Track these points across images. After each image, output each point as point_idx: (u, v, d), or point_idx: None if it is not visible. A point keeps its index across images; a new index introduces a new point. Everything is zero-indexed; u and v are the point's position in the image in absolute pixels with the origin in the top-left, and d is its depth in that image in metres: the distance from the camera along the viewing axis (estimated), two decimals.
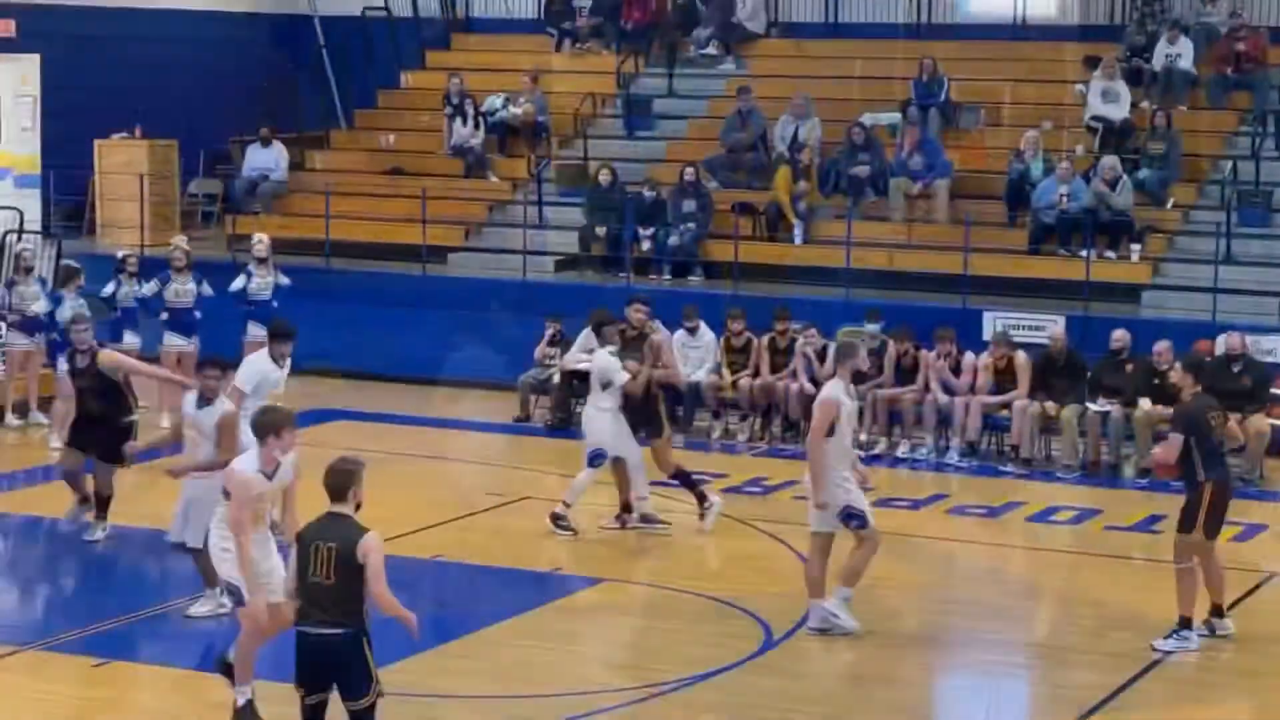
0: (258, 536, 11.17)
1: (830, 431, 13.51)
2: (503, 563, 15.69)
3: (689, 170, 24.85)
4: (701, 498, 16.98)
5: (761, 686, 12.65)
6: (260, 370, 15.35)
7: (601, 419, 16.70)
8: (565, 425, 21.36)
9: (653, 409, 17.00)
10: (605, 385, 16.70)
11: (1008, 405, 20.18)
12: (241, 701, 11.20)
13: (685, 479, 17.11)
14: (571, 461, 17.46)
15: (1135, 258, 23.05)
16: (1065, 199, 23.20)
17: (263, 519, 11.27)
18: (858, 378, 14.52)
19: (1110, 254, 23.07)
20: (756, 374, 21.23)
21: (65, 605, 14.93)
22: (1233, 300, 21.76)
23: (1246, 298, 21.99)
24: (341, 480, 9.75)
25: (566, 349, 21.22)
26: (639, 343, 17.31)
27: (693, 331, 21.46)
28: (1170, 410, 15.54)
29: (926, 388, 20.50)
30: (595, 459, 16.66)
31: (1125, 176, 23.26)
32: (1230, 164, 24.04)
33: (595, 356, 17.11)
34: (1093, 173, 23.43)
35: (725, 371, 21.37)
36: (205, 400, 13.54)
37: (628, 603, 14.68)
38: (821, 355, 20.80)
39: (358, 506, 9.78)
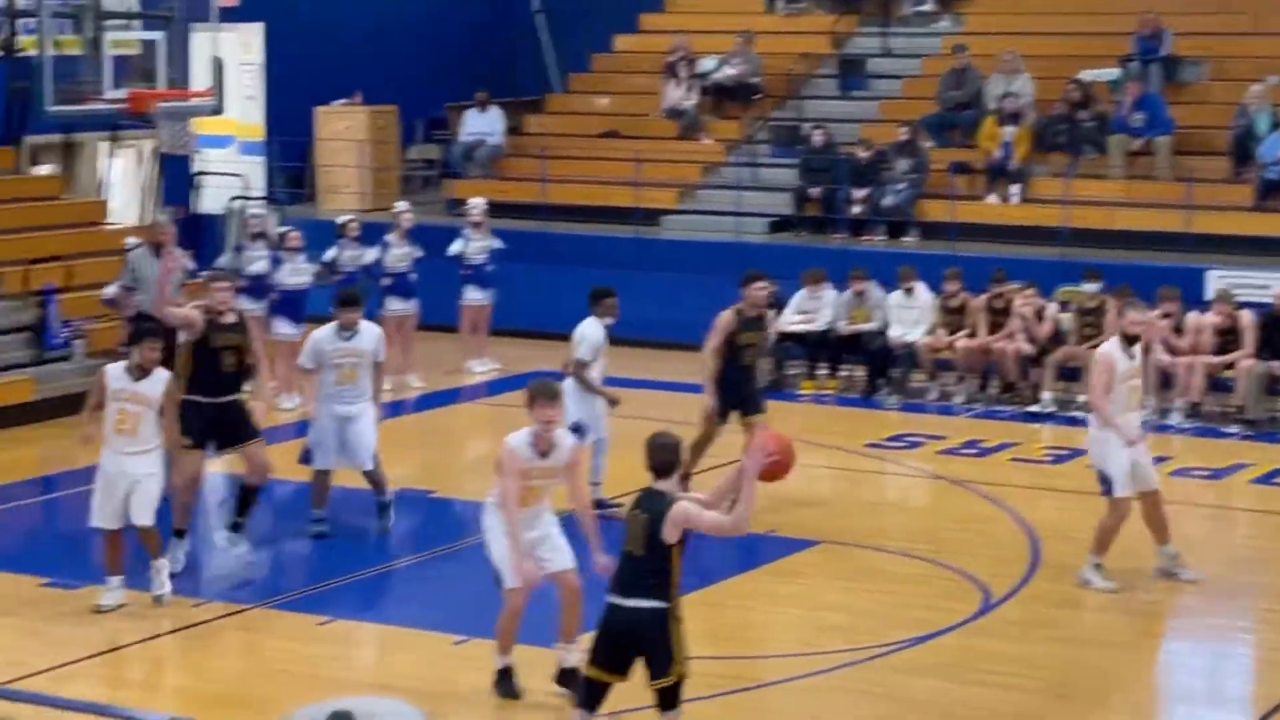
0: (527, 512, 11.15)
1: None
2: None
3: (904, 129, 24.64)
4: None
5: (981, 649, 12.55)
6: (316, 341, 15.41)
7: None
8: (779, 387, 21.33)
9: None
10: None
11: (1231, 365, 19.79)
12: (501, 665, 11.33)
13: None
14: (781, 422, 17.41)
15: None
16: None
17: (535, 495, 11.20)
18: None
19: None
20: (973, 335, 21.02)
21: (290, 564, 15.20)
22: None
23: None
24: (667, 457, 9.71)
25: (780, 311, 21.18)
26: (759, 324, 16.59)
27: (909, 292, 21.30)
28: None
29: (1147, 349, 20.15)
30: None
31: None
32: None
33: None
34: None
35: (941, 332, 21.18)
36: (143, 372, 13.16)
37: (844, 565, 14.61)
38: (1039, 315, 20.55)
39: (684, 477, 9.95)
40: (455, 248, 22.16)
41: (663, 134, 26.95)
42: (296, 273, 20.46)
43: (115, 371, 13.15)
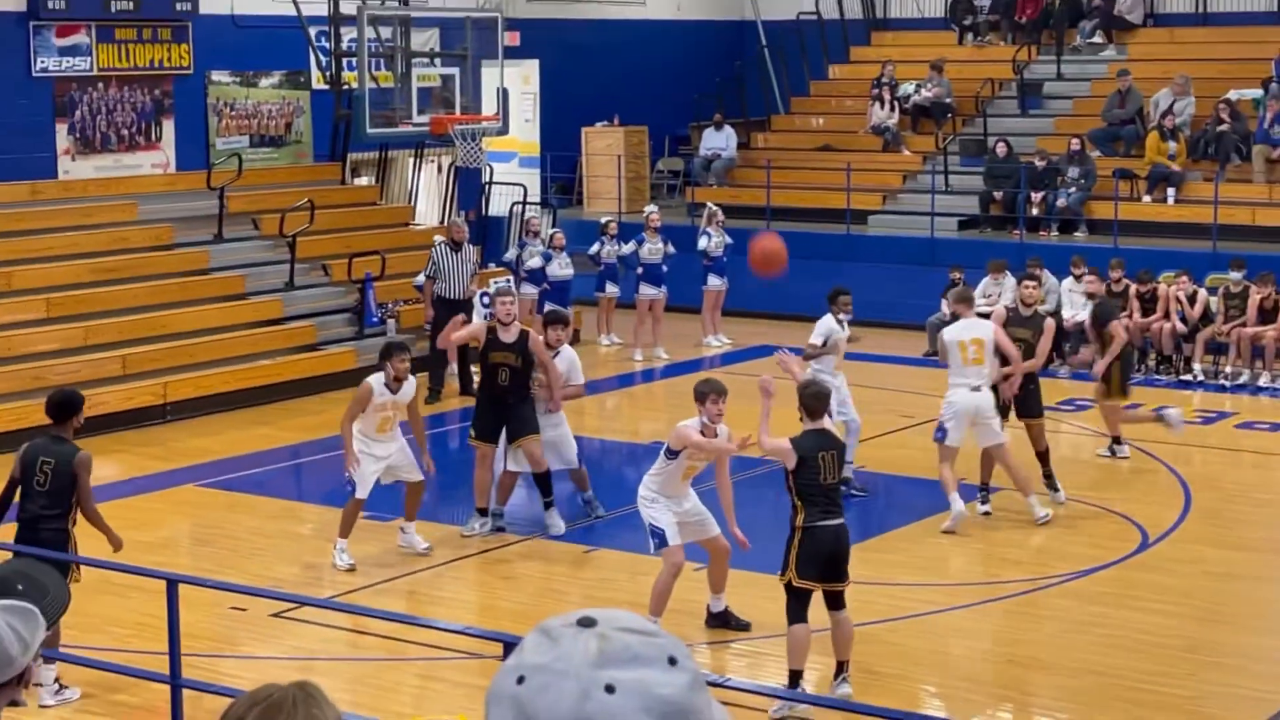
0: (685, 486, 11.16)
1: None
2: (916, 473, 15.55)
3: (1075, 141, 24.14)
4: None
5: (1139, 581, 12.27)
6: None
7: None
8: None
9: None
10: None
11: None
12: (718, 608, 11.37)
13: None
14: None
15: None
16: None
17: (692, 473, 11.22)
18: None
19: None
20: (1131, 316, 20.52)
21: (561, 503, 15.35)
22: None
23: None
24: (819, 403, 10.27)
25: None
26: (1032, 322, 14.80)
27: (1079, 278, 20.88)
28: None
29: None
30: None
31: None
32: None
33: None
34: None
35: None
36: (398, 382, 12.44)
37: (1023, 508, 14.38)
38: (1192, 299, 20.01)
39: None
40: (701, 244, 22.22)
41: (869, 147, 26.72)
42: (563, 266, 20.74)
43: (377, 385, 12.36)
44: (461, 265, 19.07)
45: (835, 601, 10.01)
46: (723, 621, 11.29)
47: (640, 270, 21.66)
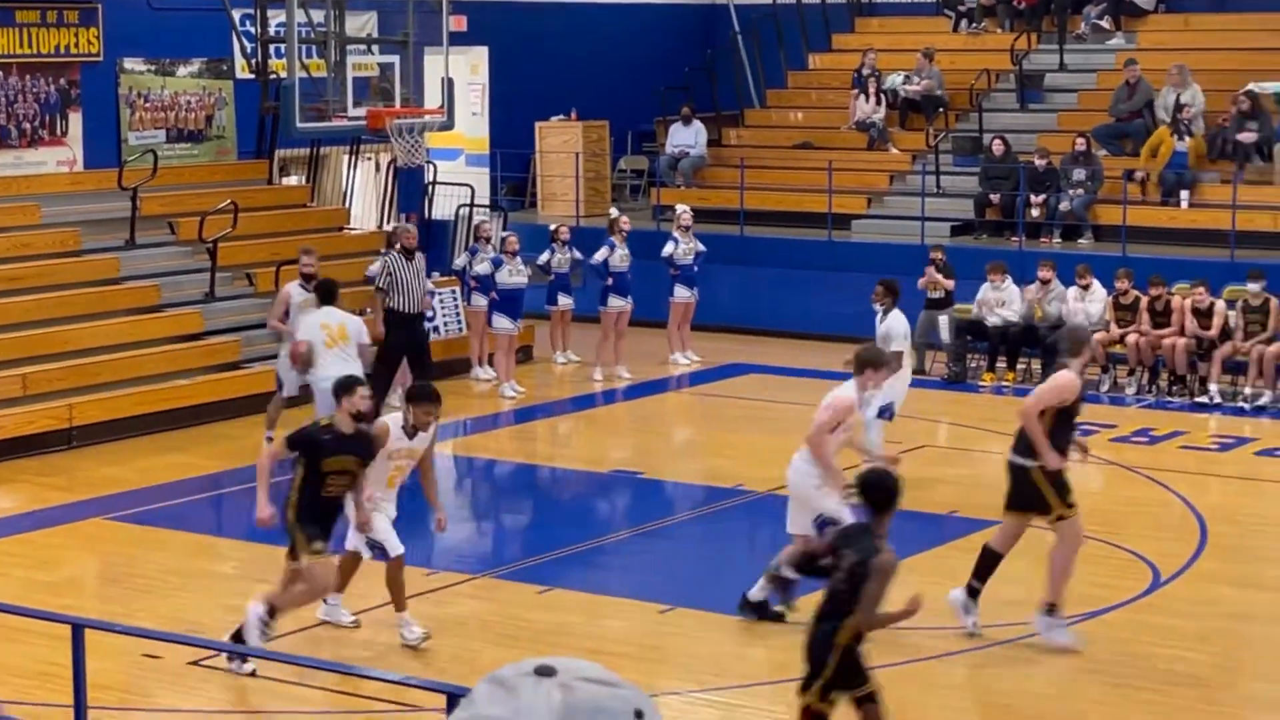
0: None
1: None
2: (903, 505, 15.54)
3: (1079, 139, 24.28)
4: None
5: (1150, 624, 12.33)
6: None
7: None
8: (959, 379, 21.13)
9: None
10: None
11: None
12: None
13: None
14: (967, 412, 17.24)
15: None
16: None
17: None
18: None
19: None
20: (1141, 331, 20.65)
21: (512, 538, 15.35)
22: None
23: None
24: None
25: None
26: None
27: (1085, 288, 21.00)
28: None
29: None
30: None
31: None
32: None
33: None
34: None
35: (1114, 327, 20.84)
36: (415, 430, 11.88)
37: (1021, 543, 14.39)
38: (1208, 312, 20.15)
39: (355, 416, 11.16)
40: (666, 250, 22.24)
41: (853, 145, 26.83)
42: (514, 273, 20.77)
43: (395, 429, 11.78)
44: (416, 276, 19.11)
45: None
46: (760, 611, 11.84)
47: (610, 280, 21.70)
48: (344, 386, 11.59)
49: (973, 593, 11.93)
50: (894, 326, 16.09)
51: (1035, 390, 12.12)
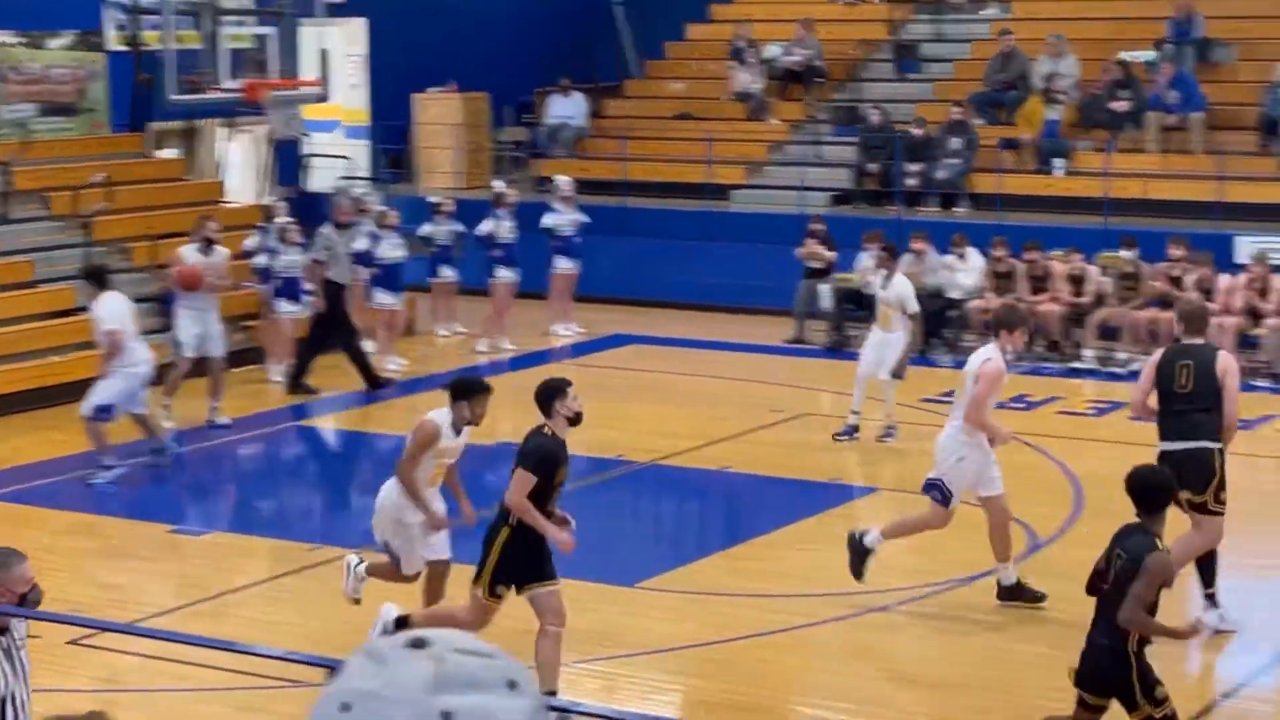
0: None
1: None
2: (786, 473, 15.69)
3: (955, 109, 24.49)
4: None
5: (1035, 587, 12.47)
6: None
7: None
8: (840, 347, 21.28)
9: None
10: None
11: (1261, 323, 19.60)
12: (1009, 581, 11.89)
13: None
14: (848, 379, 17.36)
15: None
16: None
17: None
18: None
19: None
20: (1018, 298, 20.87)
21: None
22: None
23: None
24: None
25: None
26: None
27: (961, 257, 21.21)
28: None
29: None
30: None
31: None
32: None
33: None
34: None
35: (990, 295, 21.05)
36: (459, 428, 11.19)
37: (901, 510, 14.56)
38: (1082, 279, 20.43)
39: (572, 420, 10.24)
40: (547, 221, 22.20)
41: (732, 115, 26.88)
42: (394, 247, 20.66)
43: (445, 426, 10.99)
44: (347, 247, 19.46)
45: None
46: (1015, 594, 11.84)
47: (498, 252, 21.65)
48: (557, 390, 10.51)
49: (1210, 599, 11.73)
50: (904, 289, 16.45)
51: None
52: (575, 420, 10.44)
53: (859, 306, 21.75)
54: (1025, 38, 25.44)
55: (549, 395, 10.41)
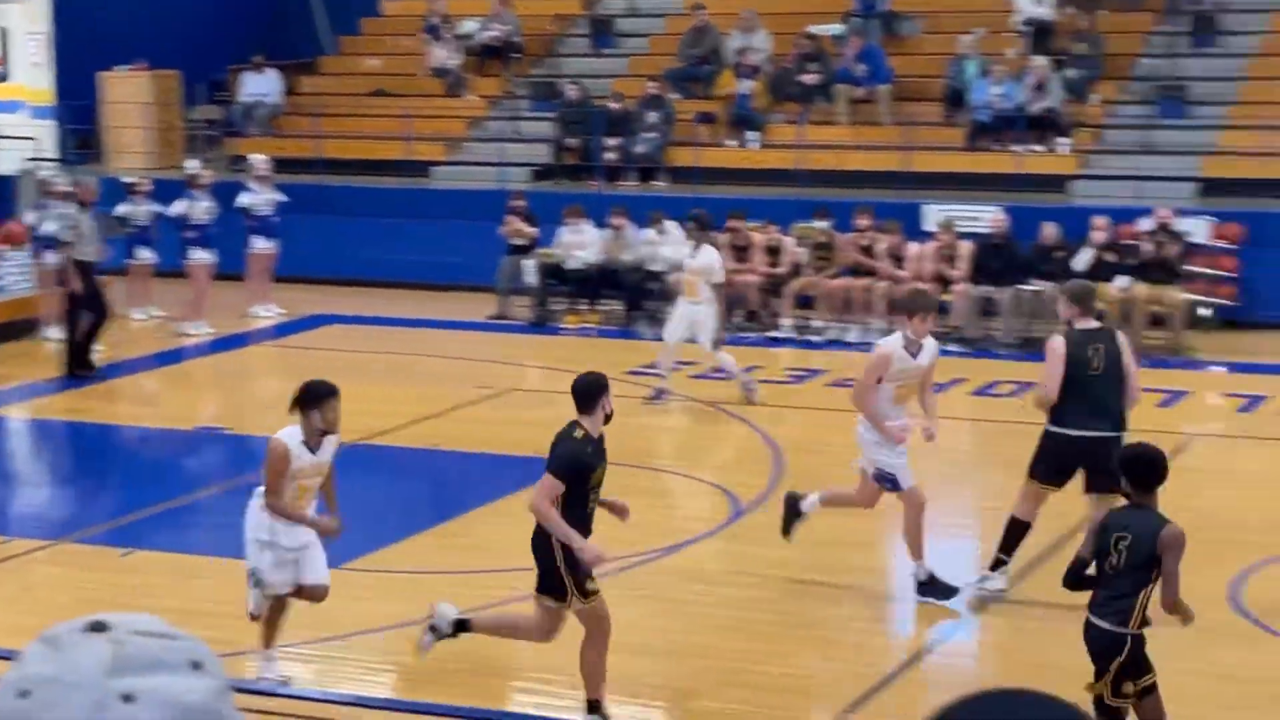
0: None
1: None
2: (492, 449, 15.69)
3: (651, 83, 24.73)
4: None
5: (733, 553, 12.69)
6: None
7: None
8: (543, 321, 21.36)
9: None
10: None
11: (950, 289, 20.21)
12: (923, 576, 11.53)
13: None
14: (552, 354, 17.45)
15: (1066, 150, 23.01)
16: (999, 99, 23.12)
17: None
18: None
19: (1040, 148, 23.02)
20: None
21: (93, 501, 14.90)
22: (1152, 186, 21.74)
23: (1165, 184, 21.97)
24: None
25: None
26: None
27: (661, 232, 21.44)
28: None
29: (876, 275, 20.52)
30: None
31: (1054, 75, 23.18)
32: (1150, 61, 24.01)
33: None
34: (1024, 73, 23.34)
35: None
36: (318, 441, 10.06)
37: (609, 482, 14.65)
38: (778, 250, 20.84)
39: (607, 418, 9.57)
40: (243, 200, 21.85)
41: (430, 92, 26.73)
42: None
43: (294, 445, 9.86)
44: (92, 228, 19.14)
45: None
46: (930, 588, 11.53)
47: (192, 233, 21.24)
48: (603, 386, 9.56)
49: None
50: (711, 260, 16.86)
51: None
52: (609, 418, 9.66)
53: (562, 281, 21.89)
54: (717, 12, 25.78)
55: (596, 390, 9.50)
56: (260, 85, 26.77)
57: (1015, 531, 11.62)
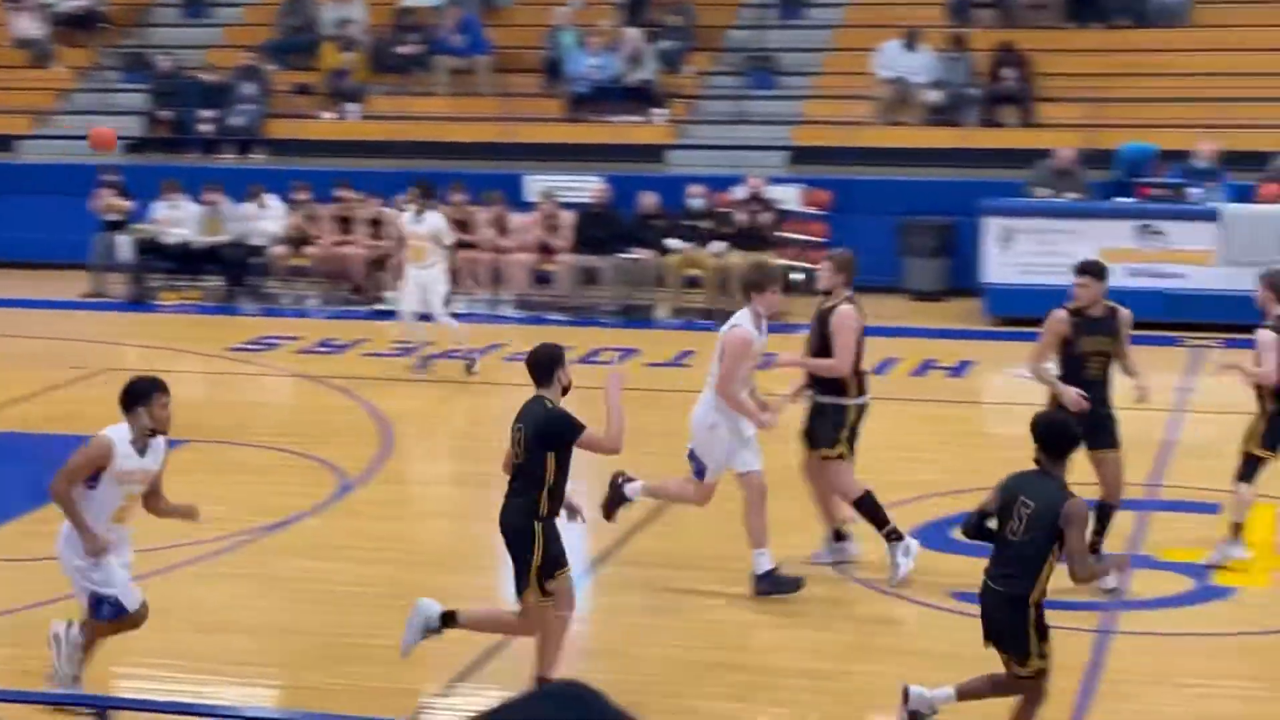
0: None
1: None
2: (86, 429, 15.17)
3: (247, 54, 24.28)
4: None
5: (340, 528, 12.59)
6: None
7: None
8: (141, 299, 20.82)
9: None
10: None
11: (553, 258, 20.40)
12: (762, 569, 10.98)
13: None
14: (152, 331, 17.01)
15: (662, 121, 23.42)
16: (595, 70, 23.40)
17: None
18: None
19: (637, 118, 23.38)
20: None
21: None
22: (746, 155, 22.31)
23: (758, 152, 22.58)
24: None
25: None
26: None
27: (261, 205, 21.12)
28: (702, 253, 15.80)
29: (476, 246, 20.57)
30: None
31: (648, 47, 23.56)
32: (740, 33, 24.61)
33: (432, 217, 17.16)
34: (619, 45, 23.66)
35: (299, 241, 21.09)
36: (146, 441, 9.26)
37: (213, 460, 14.39)
38: (378, 223, 20.75)
39: (564, 390, 9.23)
40: None
41: (15, 64, 25.74)
42: None
43: (121, 444, 9.11)
44: None
45: None
46: (771, 583, 10.93)
47: None
48: (558, 357, 9.37)
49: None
50: (437, 223, 17.04)
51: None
52: (566, 390, 9.29)
53: (161, 257, 21.34)
54: None
55: (551, 362, 9.24)
56: None
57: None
